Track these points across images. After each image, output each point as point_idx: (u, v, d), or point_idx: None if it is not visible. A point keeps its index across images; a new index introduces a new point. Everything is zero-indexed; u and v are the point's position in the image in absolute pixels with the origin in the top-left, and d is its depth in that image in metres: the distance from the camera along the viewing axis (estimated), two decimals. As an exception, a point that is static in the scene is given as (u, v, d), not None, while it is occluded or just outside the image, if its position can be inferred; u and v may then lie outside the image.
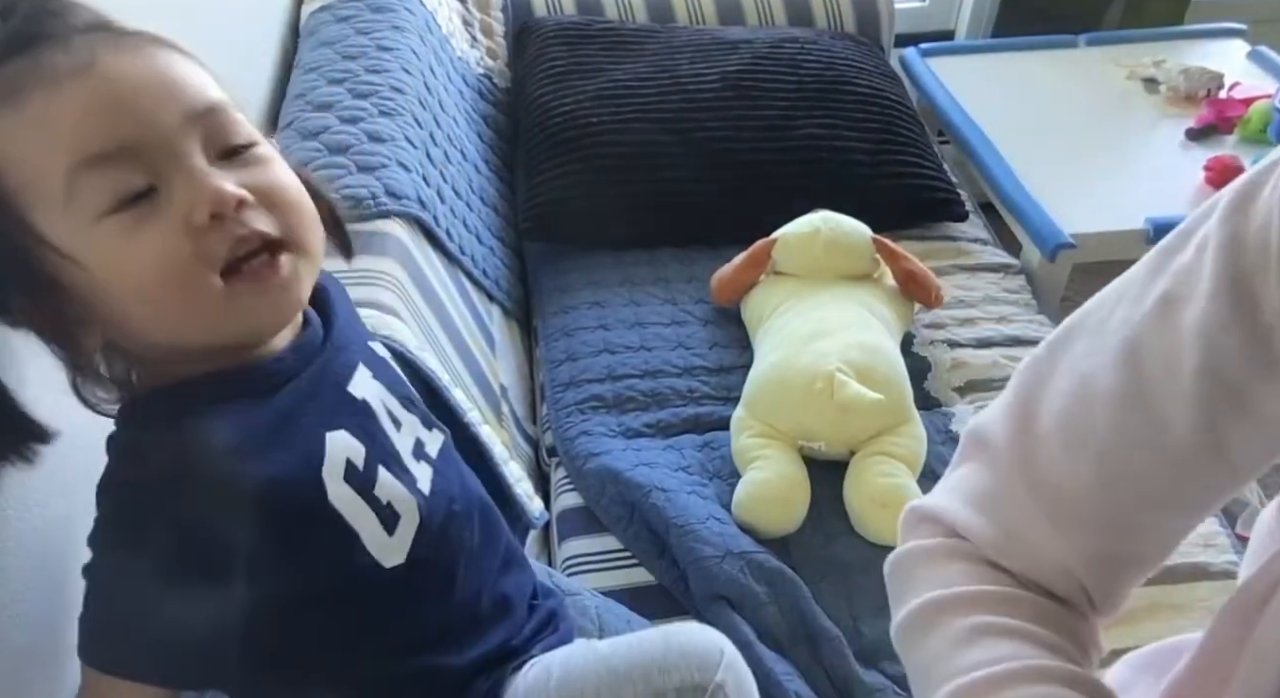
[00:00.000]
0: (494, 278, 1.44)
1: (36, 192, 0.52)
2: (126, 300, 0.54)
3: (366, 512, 0.62)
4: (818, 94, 1.63)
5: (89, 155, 0.51)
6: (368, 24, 1.44)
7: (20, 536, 0.69)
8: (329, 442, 0.61)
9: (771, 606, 1.05)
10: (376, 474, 0.63)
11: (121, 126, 0.52)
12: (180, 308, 0.54)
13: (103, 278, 0.53)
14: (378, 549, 0.62)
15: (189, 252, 0.53)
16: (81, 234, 0.52)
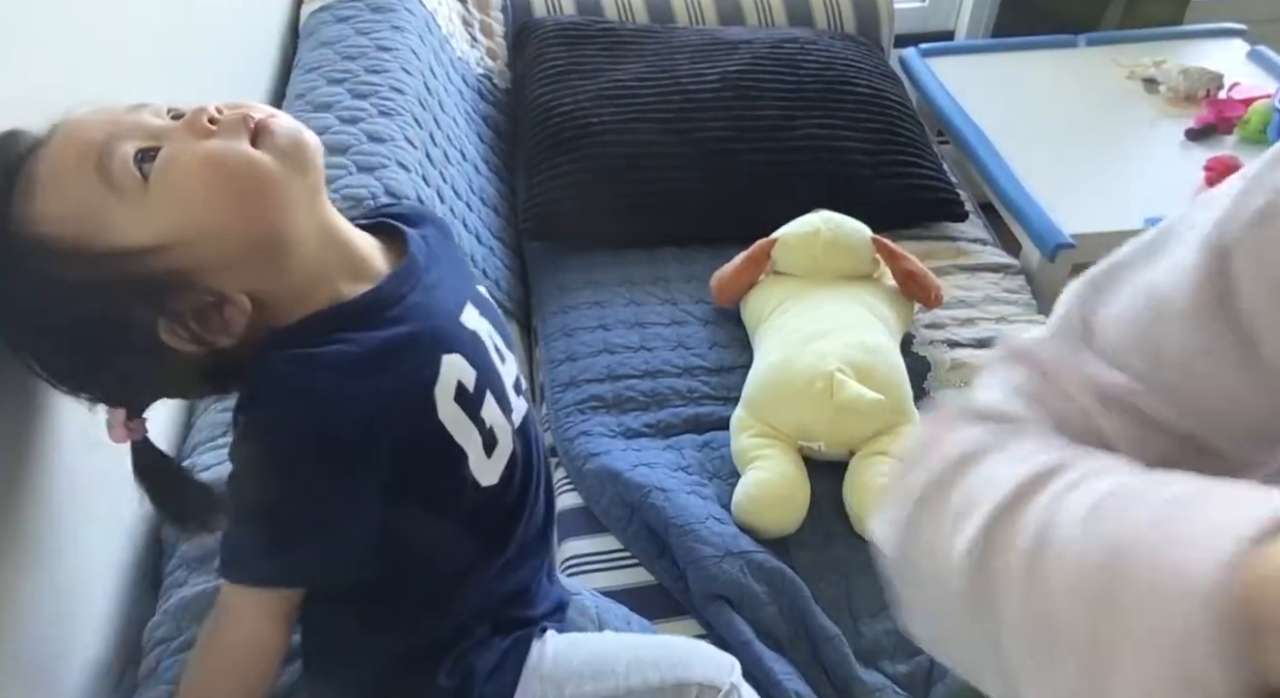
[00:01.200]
0: (494, 278, 1.44)
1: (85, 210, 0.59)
2: (213, 233, 0.60)
3: (472, 431, 0.68)
4: (818, 94, 1.63)
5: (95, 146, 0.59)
6: (367, 24, 1.44)
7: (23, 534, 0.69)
8: (445, 363, 0.67)
9: (771, 605, 1.05)
10: (484, 398, 0.70)
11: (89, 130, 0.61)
12: (243, 189, 0.61)
13: (183, 232, 0.59)
14: (478, 469, 0.69)
15: (215, 143, 0.61)
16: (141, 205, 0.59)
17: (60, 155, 0.60)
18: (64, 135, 0.61)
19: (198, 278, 0.61)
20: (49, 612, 0.74)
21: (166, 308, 0.61)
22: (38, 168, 0.60)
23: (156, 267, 0.59)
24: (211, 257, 0.61)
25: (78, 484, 0.76)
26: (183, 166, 0.60)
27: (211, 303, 0.62)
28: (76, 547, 0.79)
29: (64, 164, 0.60)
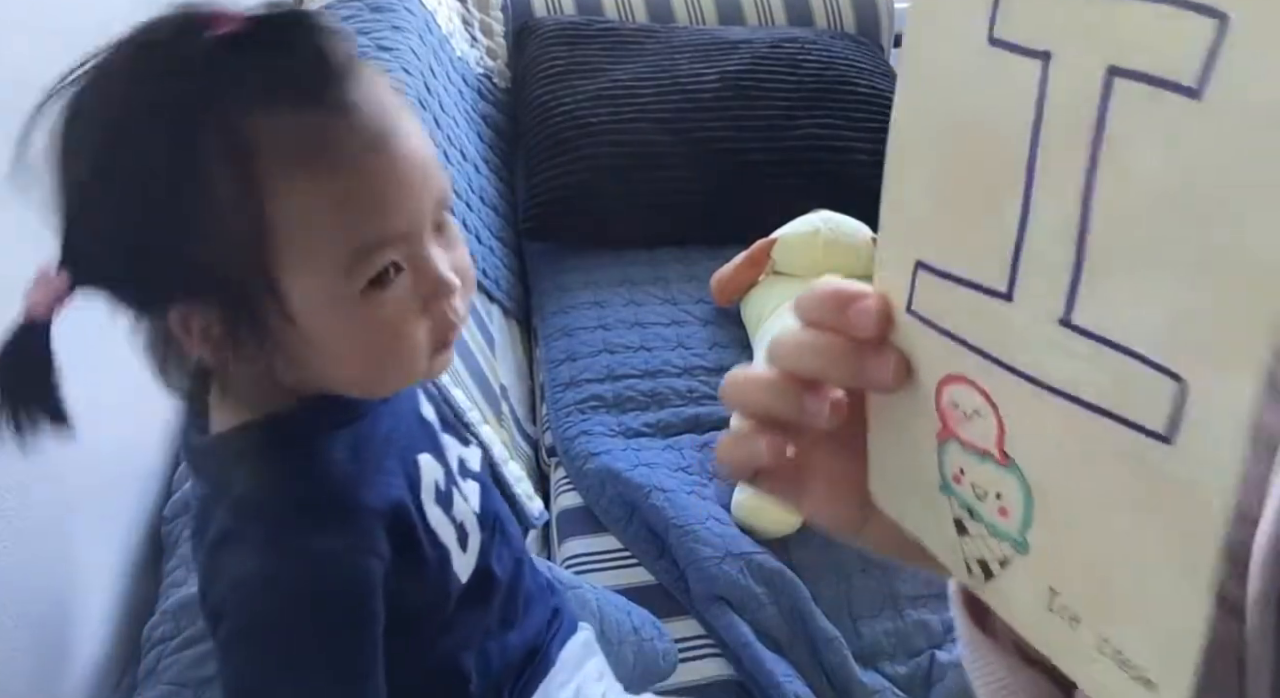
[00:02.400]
0: (494, 278, 1.44)
1: (304, 257, 0.52)
2: (332, 358, 0.56)
3: (450, 531, 0.64)
4: (818, 94, 1.63)
5: (372, 242, 0.53)
6: (368, 24, 1.44)
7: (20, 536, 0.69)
8: (421, 463, 0.64)
9: (771, 606, 1.05)
10: (453, 494, 0.66)
11: (401, 213, 0.54)
12: (393, 373, 0.58)
13: (326, 340, 0.55)
14: (458, 565, 0.65)
15: (424, 335, 0.57)
16: (336, 306, 0.54)
17: (364, 193, 0.52)
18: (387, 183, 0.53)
19: (269, 337, 0.54)
20: (48, 612, 0.74)
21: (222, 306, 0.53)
22: (334, 163, 0.51)
23: (263, 314, 0.53)
24: (298, 352, 0.55)
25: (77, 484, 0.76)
26: (385, 324, 0.55)
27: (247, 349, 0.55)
28: (76, 547, 0.79)
29: (358, 211, 0.52)
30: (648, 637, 0.98)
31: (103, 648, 0.80)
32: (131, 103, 0.50)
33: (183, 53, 0.50)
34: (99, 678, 0.79)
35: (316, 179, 0.51)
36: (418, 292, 0.56)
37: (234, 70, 0.49)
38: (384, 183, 0.53)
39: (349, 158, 0.52)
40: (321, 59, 0.51)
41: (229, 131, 0.49)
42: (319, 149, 0.51)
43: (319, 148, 0.51)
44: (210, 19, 0.50)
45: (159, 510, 0.91)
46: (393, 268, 0.54)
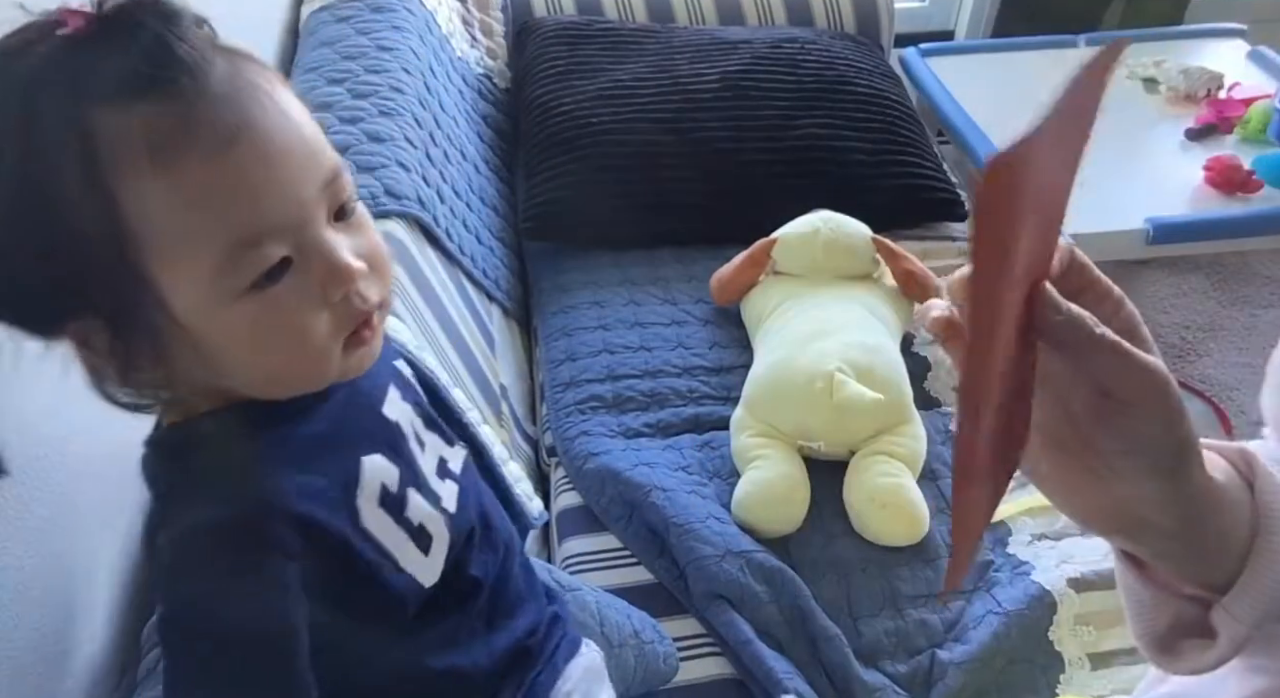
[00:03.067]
0: (494, 278, 1.44)
1: (177, 259, 0.50)
2: (237, 362, 0.54)
3: (400, 534, 0.62)
4: (818, 94, 1.63)
5: (246, 237, 0.50)
6: (367, 24, 1.44)
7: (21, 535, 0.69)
8: (365, 465, 0.61)
9: (771, 605, 1.05)
10: (407, 496, 0.64)
11: (277, 204, 0.51)
12: (299, 372, 0.56)
13: (220, 342, 0.53)
14: (416, 569, 0.63)
15: (326, 327, 0.54)
16: (219, 307, 0.51)
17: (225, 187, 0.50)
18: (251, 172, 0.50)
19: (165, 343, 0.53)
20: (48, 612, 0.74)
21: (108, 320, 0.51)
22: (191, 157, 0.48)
23: (154, 322, 0.51)
24: (198, 356, 0.54)
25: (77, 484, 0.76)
26: (279, 320, 0.53)
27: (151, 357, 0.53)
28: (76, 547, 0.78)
29: (220, 206, 0.49)
30: (648, 640, 0.98)
31: (103, 648, 0.80)
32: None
33: (30, 59, 0.48)
34: (99, 678, 0.78)
35: (170, 175, 0.48)
36: (313, 282, 0.53)
37: (76, 70, 0.48)
38: (249, 173, 0.50)
39: (204, 150, 0.49)
40: (166, 49, 0.48)
41: (73, 133, 0.47)
42: (169, 143, 0.48)
43: (169, 142, 0.48)
44: (59, 19, 0.49)
45: (159, 510, 0.90)
46: (279, 263, 0.52)
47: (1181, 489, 0.42)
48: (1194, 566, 0.45)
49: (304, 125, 0.54)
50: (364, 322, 0.56)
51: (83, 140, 0.48)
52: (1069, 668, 1.04)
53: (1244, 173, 1.64)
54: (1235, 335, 2.10)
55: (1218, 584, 0.44)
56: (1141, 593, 0.47)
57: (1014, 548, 1.15)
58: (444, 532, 0.66)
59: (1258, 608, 0.43)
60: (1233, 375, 2.01)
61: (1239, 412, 1.93)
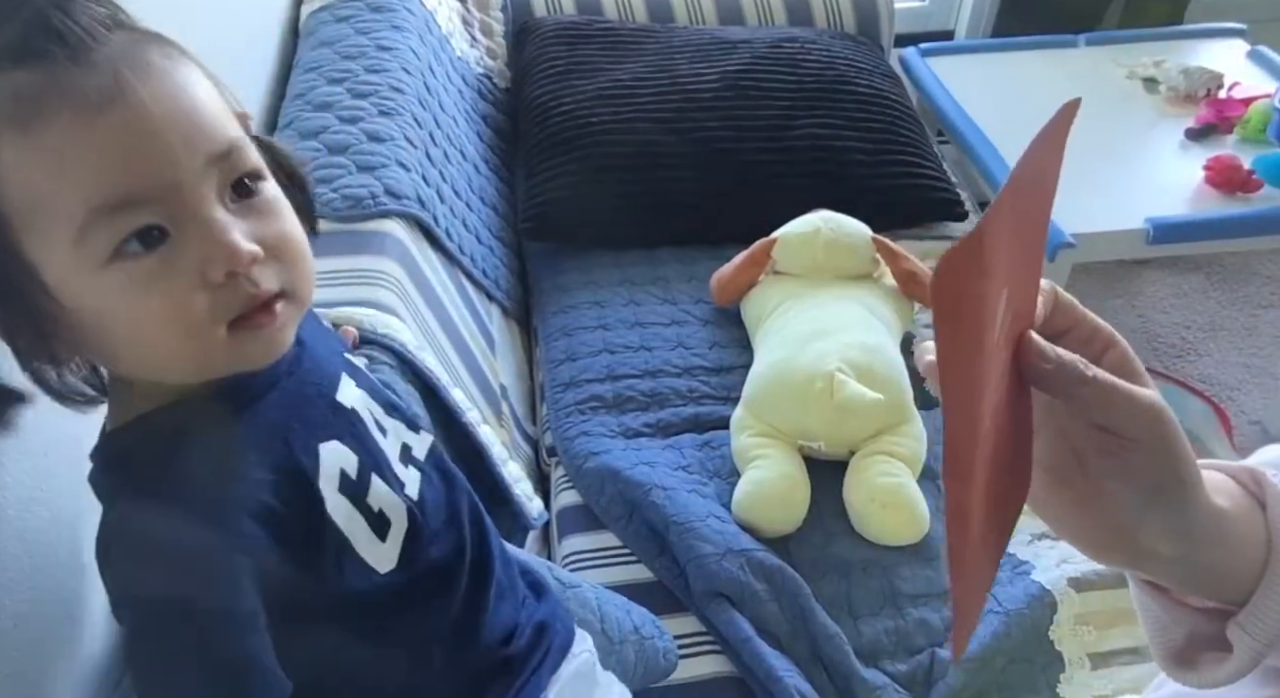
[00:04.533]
0: (494, 278, 1.44)
1: (39, 226, 0.49)
2: (118, 341, 0.53)
3: (359, 519, 0.62)
4: (818, 94, 1.63)
5: (110, 201, 0.49)
6: (367, 24, 1.44)
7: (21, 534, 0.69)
8: (323, 452, 0.61)
9: (772, 603, 1.06)
10: (370, 482, 0.63)
11: (147, 170, 0.50)
12: (179, 354, 0.54)
13: (95, 319, 0.52)
14: (372, 556, 0.63)
15: (202, 307, 0.52)
16: (83, 277, 0.50)
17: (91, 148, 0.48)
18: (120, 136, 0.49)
19: (61, 325, 0.52)
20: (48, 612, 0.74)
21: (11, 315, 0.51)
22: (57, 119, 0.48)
23: (35, 298, 0.50)
24: (88, 337, 0.52)
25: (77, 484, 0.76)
26: (150, 298, 0.51)
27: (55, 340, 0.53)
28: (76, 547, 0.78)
29: (83, 168, 0.48)
30: (648, 636, 0.98)
31: (103, 648, 0.80)
32: None
33: None
34: (99, 678, 0.78)
35: (32, 137, 0.48)
36: (191, 259, 0.51)
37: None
38: (116, 139, 0.49)
39: (69, 115, 0.48)
40: (43, 20, 0.48)
41: None
42: (32, 108, 0.47)
43: (32, 106, 0.47)
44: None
45: (159, 510, 0.90)
46: (153, 232, 0.50)
47: (1184, 519, 0.42)
48: (1203, 588, 0.45)
49: (198, 101, 0.52)
50: (260, 308, 0.54)
51: None
52: (1069, 668, 1.04)
53: (1244, 173, 1.64)
54: (1235, 335, 2.10)
55: (1232, 600, 0.45)
56: (1156, 610, 0.48)
57: (1014, 548, 1.15)
58: (403, 518, 0.65)
59: (1272, 625, 0.43)
60: (1233, 375, 2.01)
61: (1239, 412, 1.93)
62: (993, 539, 0.43)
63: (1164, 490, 0.41)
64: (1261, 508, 0.45)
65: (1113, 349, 0.44)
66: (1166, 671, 0.48)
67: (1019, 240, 0.38)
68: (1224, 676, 0.45)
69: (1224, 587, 0.45)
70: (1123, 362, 0.43)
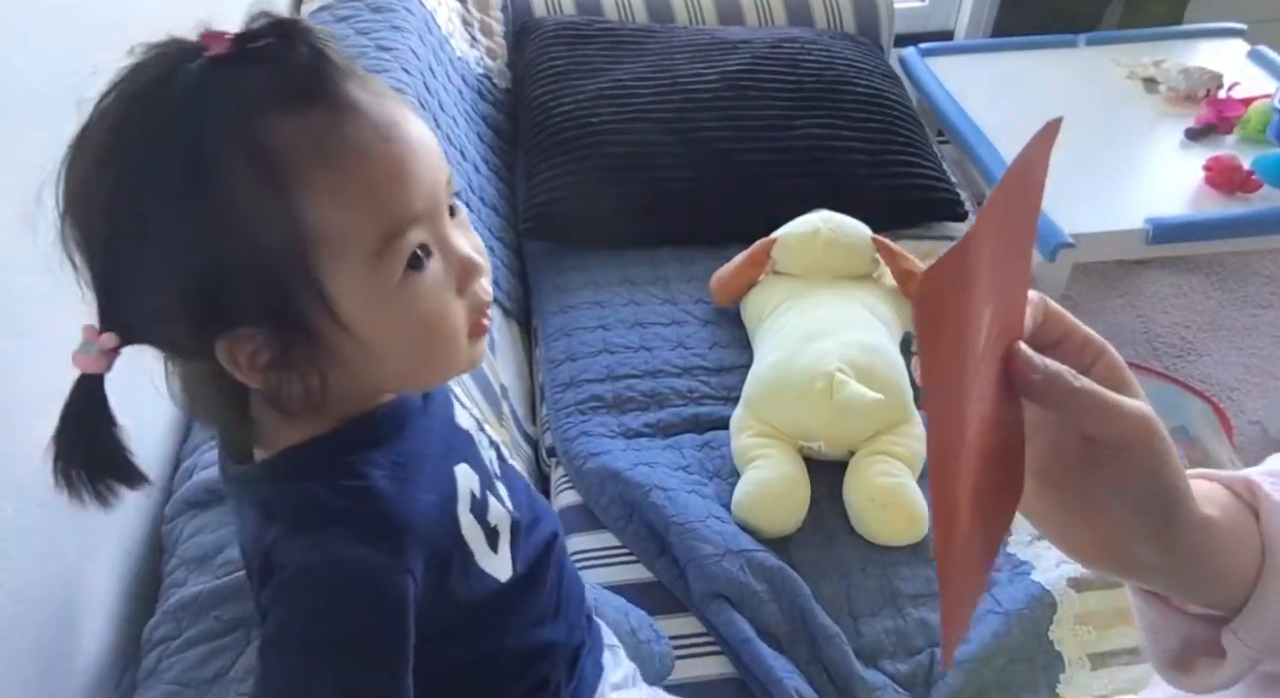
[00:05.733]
0: (493, 278, 1.44)
1: (343, 253, 0.53)
2: (383, 355, 0.56)
3: (481, 536, 0.65)
4: (818, 94, 1.63)
5: (399, 226, 0.53)
6: (367, 24, 1.44)
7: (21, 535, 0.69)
8: (458, 476, 0.64)
9: (771, 603, 1.06)
10: (488, 500, 0.67)
11: (419, 195, 0.54)
12: (438, 362, 0.59)
13: (369, 333, 0.55)
14: (491, 568, 0.65)
15: (461, 314, 0.58)
16: (377, 297, 0.54)
17: (383, 177, 0.53)
18: (403, 164, 0.53)
19: (318, 343, 0.55)
20: (49, 612, 0.74)
21: (269, 327, 0.53)
22: (352, 155, 0.52)
23: (314, 321, 0.53)
24: (346, 353, 0.55)
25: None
26: (425, 309, 0.56)
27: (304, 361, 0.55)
28: (76, 547, 0.79)
29: (380, 195, 0.53)
30: (645, 639, 0.98)
31: (103, 648, 0.80)
32: (136, 144, 0.50)
33: (180, 81, 0.50)
34: (99, 678, 0.79)
35: (338, 172, 0.52)
36: (449, 272, 0.57)
37: (236, 86, 0.50)
38: (399, 166, 0.54)
39: (364, 147, 0.52)
40: (321, 60, 0.52)
41: (244, 144, 0.50)
42: (335, 143, 0.52)
43: (335, 142, 0.52)
44: (202, 42, 0.51)
45: (159, 511, 0.91)
46: (421, 250, 0.55)
47: (1172, 528, 0.42)
48: (1195, 596, 0.46)
49: (426, 129, 0.58)
50: (483, 313, 0.60)
51: (256, 151, 0.50)
52: (1069, 668, 1.04)
53: (1244, 173, 1.64)
54: (1235, 335, 2.10)
55: (1226, 607, 0.45)
56: (1152, 615, 0.48)
57: (1014, 548, 1.15)
58: (507, 528, 0.68)
59: (1265, 633, 0.43)
60: (1233, 375, 2.01)
61: (1239, 412, 1.93)
62: (982, 548, 0.43)
63: (1151, 500, 0.42)
64: (1255, 517, 0.45)
65: (1102, 359, 0.44)
66: (1162, 675, 0.49)
67: (1003, 255, 0.39)
68: (1218, 681, 0.45)
69: (1216, 595, 0.45)
70: (1112, 371, 0.44)
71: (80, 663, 0.77)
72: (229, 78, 0.50)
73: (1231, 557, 0.44)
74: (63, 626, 0.76)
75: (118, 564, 0.84)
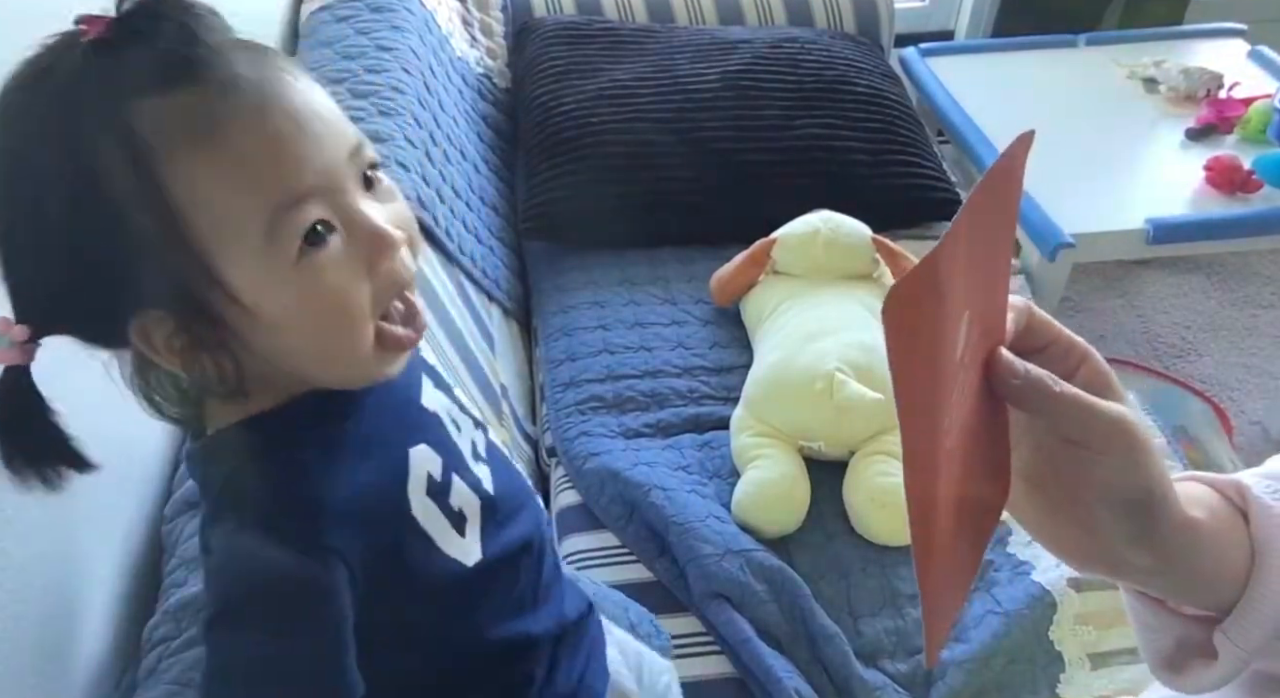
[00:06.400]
0: (494, 278, 1.44)
1: (230, 234, 0.52)
2: (290, 337, 0.55)
3: (441, 519, 0.64)
4: (818, 94, 1.63)
5: (288, 200, 0.52)
6: (367, 24, 1.44)
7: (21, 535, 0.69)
8: (412, 457, 0.63)
9: (771, 603, 1.06)
10: (451, 483, 0.65)
11: (311, 167, 0.53)
12: (343, 348, 0.56)
13: (273, 315, 0.54)
14: (457, 552, 0.64)
15: (366, 296, 0.55)
16: (274, 275, 0.53)
17: (264, 149, 0.51)
18: (284, 133, 0.52)
19: (227, 328, 0.54)
20: (49, 612, 0.74)
21: (173, 311, 0.53)
22: (227, 129, 0.50)
23: (214, 305, 0.53)
24: (255, 337, 0.55)
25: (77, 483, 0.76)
26: (328, 287, 0.54)
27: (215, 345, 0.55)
28: (76, 547, 0.79)
29: (262, 168, 0.51)
30: (645, 634, 0.98)
31: (103, 648, 0.80)
32: (18, 137, 0.51)
33: (59, 69, 0.50)
34: (99, 678, 0.79)
35: (210, 151, 0.50)
36: (355, 249, 0.55)
37: (106, 71, 0.49)
38: (282, 139, 0.52)
39: (237, 124, 0.51)
40: (189, 39, 0.51)
41: (113, 129, 0.49)
42: (205, 123, 0.50)
43: (204, 121, 0.50)
44: (79, 28, 0.50)
45: (159, 510, 0.91)
46: (322, 226, 0.53)
47: (1156, 529, 0.43)
48: (1186, 597, 0.46)
49: (324, 100, 0.56)
50: (398, 293, 0.57)
51: (125, 136, 0.49)
52: (1069, 668, 1.04)
53: (1244, 173, 1.64)
54: (1235, 335, 2.10)
55: (1217, 609, 0.46)
56: (1145, 615, 0.49)
57: (1014, 548, 1.15)
58: (477, 513, 0.67)
59: (1256, 634, 0.44)
60: (1233, 375, 2.01)
61: (1239, 412, 1.93)
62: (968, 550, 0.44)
63: (1134, 502, 0.42)
64: (1245, 520, 0.46)
65: (1086, 364, 0.45)
66: (1156, 675, 0.49)
67: (982, 262, 0.40)
68: (1210, 681, 0.46)
69: (1206, 596, 0.45)
70: (1095, 376, 0.45)
71: (80, 663, 0.77)
72: (102, 63, 0.50)
73: (1221, 559, 0.45)
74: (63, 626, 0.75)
75: (118, 564, 0.84)
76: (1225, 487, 0.48)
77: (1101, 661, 1.05)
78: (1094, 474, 0.42)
